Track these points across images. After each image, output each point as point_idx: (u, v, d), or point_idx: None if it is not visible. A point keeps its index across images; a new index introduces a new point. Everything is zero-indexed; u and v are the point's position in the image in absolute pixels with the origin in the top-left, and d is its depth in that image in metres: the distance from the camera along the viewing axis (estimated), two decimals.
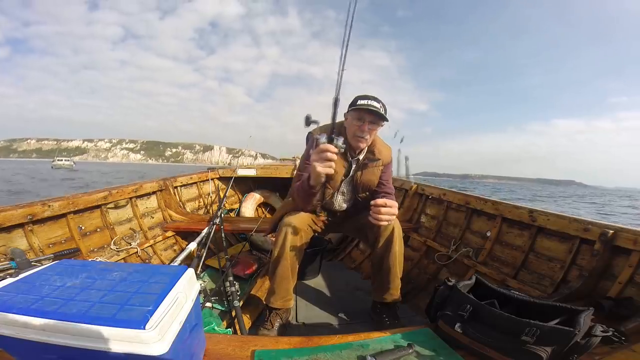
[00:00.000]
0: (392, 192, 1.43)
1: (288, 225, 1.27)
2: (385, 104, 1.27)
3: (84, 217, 1.62)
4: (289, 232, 1.25)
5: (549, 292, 1.31)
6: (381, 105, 1.25)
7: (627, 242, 1.15)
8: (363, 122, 1.26)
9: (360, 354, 0.80)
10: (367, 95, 1.26)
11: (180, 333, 0.58)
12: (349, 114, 1.31)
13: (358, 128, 1.27)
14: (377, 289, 1.36)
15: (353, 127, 1.29)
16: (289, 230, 1.26)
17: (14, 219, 1.26)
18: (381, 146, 1.42)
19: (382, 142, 1.45)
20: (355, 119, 1.27)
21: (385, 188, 1.42)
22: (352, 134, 1.30)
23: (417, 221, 2.30)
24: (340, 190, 1.43)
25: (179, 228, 2.10)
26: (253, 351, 0.79)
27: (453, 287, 0.94)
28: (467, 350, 0.82)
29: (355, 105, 1.24)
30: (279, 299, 1.27)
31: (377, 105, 1.23)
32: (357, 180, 1.40)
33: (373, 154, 1.38)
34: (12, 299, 0.54)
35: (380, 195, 1.38)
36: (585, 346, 0.71)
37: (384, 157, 1.41)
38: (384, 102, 1.26)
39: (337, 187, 1.39)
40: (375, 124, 1.27)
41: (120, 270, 0.66)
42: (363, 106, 1.21)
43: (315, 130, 1.34)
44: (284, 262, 1.25)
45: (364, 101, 1.23)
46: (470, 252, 1.76)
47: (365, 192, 1.42)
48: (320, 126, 1.26)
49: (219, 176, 3.09)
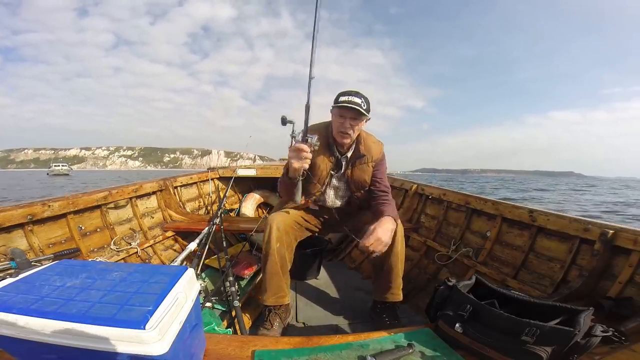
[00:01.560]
0: (387, 190, 1.43)
1: (272, 221, 1.28)
2: (367, 98, 1.29)
3: (84, 217, 1.62)
4: (273, 228, 1.27)
5: (549, 292, 1.31)
6: (363, 100, 1.26)
7: (627, 242, 1.15)
8: (345, 119, 1.28)
9: (360, 354, 0.80)
10: (349, 91, 1.29)
11: (180, 333, 0.58)
12: (333, 111, 1.33)
13: (340, 124, 1.29)
14: (378, 289, 1.36)
15: (336, 124, 1.31)
16: (274, 227, 1.27)
17: (14, 219, 1.26)
18: (371, 143, 1.42)
19: (373, 138, 1.45)
20: (338, 115, 1.30)
21: (380, 186, 1.42)
22: (337, 130, 1.32)
23: (417, 221, 2.30)
24: (332, 185, 1.44)
25: (179, 228, 2.10)
26: (253, 351, 0.79)
27: (453, 287, 0.94)
28: (467, 350, 0.82)
29: (337, 103, 1.27)
30: (270, 295, 1.27)
31: (358, 101, 1.24)
32: (349, 178, 1.41)
33: (360, 151, 1.39)
34: (12, 299, 0.54)
35: (375, 192, 1.40)
36: (585, 346, 0.71)
37: (374, 154, 1.41)
38: (366, 97, 1.28)
39: (324, 180, 1.40)
40: (357, 120, 1.29)
41: (120, 270, 0.66)
42: (344, 103, 1.24)
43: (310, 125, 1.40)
44: (271, 258, 1.25)
45: (346, 97, 1.26)
46: (470, 252, 1.76)
47: (359, 190, 1.43)
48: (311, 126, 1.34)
49: (219, 176, 3.09)
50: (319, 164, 1.38)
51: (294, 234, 1.35)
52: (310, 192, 1.42)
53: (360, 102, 1.25)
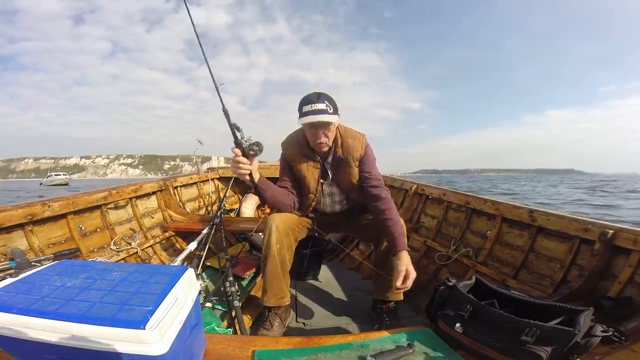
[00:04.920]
0: (380, 185, 1.34)
1: (272, 222, 1.27)
2: (331, 97, 1.23)
3: (84, 217, 1.62)
4: (273, 229, 1.25)
5: (549, 292, 1.31)
6: (327, 103, 1.21)
7: (627, 242, 1.14)
8: (316, 129, 1.24)
9: (360, 354, 0.80)
10: (309, 96, 1.23)
11: (180, 333, 0.58)
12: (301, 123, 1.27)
13: (314, 136, 1.26)
14: (379, 287, 1.36)
15: (310, 137, 1.28)
16: (274, 228, 1.26)
17: (14, 219, 1.26)
18: (350, 140, 1.34)
19: (352, 133, 1.36)
20: (308, 127, 1.26)
21: (371, 181, 1.33)
22: (312, 143, 1.29)
23: (417, 221, 2.30)
24: (325, 193, 1.42)
25: (179, 228, 2.10)
26: (253, 351, 0.79)
27: (453, 287, 0.94)
28: (467, 350, 0.82)
29: (302, 115, 1.22)
30: (271, 297, 1.26)
31: (323, 107, 1.19)
32: (338, 182, 1.39)
33: (338, 154, 1.34)
34: (12, 299, 0.54)
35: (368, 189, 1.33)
36: (585, 346, 0.71)
37: (355, 152, 1.33)
38: (329, 96, 1.23)
39: (316, 190, 1.38)
40: (328, 125, 1.24)
41: (120, 270, 0.66)
42: (309, 115, 1.19)
43: (284, 141, 1.44)
44: (271, 259, 1.25)
45: (308, 107, 1.20)
46: (470, 252, 1.76)
47: (352, 190, 1.40)
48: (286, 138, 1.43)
49: (218, 176, 3.09)
50: (306, 175, 1.36)
51: (294, 234, 1.34)
52: (305, 203, 1.41)
53: (325, 106, 1.20)
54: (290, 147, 1.40)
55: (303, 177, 1.36)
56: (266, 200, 1.29)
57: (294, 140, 1.40)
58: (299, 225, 1.40)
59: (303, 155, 1.36)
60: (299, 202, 1.41)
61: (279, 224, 1.28)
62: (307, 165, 1.36)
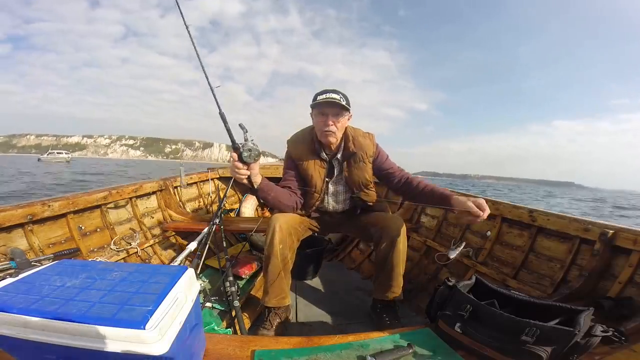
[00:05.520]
0: (404, 172, 1.41)
1: (275, 222, 1.27)
2: (346, 94, 1.27)
3: (84, 217, 1.62)
4: (276, 229, 1.25)
5: (549, 292, 1.31)
6: (341, 96, 1.24)
7: (627, 242, 1.15)
8: (326, 116, 1.26)
9: (360, 354, 0.80)
10: (325, 89, 1.28)
11: (180, 333, 0.58)
12: (313, 112, 1.31)
13: (323, 123, 1.27)
14: (379, 287, 1.36)
15: (318, 124, 1.29)
16: (277, 228, 1.26)
17: (14, 219, 1.26)
18: (360, 137, 1.37)
19: (361, 132, 1.41)
20: (318, 115, 1.28)
21: (395, 175, 1.39)
22: (320, 131, 1.29)
23: (417, 221, 2.30)
24: (330, 192, 1.42)
25: (178, 228, 2.09)
26: (253, 351, 0.79)
27: (453, 287, 0.94)
28: (467, 350, 0.82)
29: (315, 101, 1.25)
30: (273, 297, 1.27)
31: (337, 97, 1.23)
32: (347, 180, 1.39)
33: (350, 149, 1.35)
34: (12, 299, 0.54)
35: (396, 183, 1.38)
36: (585, 346, 0.71)
37: (367, 149, 1.36)
38: (344, 94, 1.26)
39: (321, 189, 1.38)
40: (339, 116, 1.26)
41: (120, 270, 0.66)
42: (322, 100, 1.23)
43: (290, 139, 1.45)
44: (274, 260, 1.25)
45: (323, 95, 1.24)
46: (470, 252, 1.76)
47: (360, 189, 1.40)
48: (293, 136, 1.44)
49: (219, 176, 3.09)
50: (312, 174, 1.36)
51: (296, 234, 1.34)
52: (309, 202, 1.41)
53: (339, 97, 1.23)
54: (297, 144, 1.40)
55: (309, 175, 1.36)
56: (269, 203, 1.29)
57: (301, 138, 1.40)
58: (301, 225, 1.40)
59: (310, 152, 1.36)
60: (302, 202, 1.40)
61: (282, 224, 1.27)
62: (313, 164, 1.36)
